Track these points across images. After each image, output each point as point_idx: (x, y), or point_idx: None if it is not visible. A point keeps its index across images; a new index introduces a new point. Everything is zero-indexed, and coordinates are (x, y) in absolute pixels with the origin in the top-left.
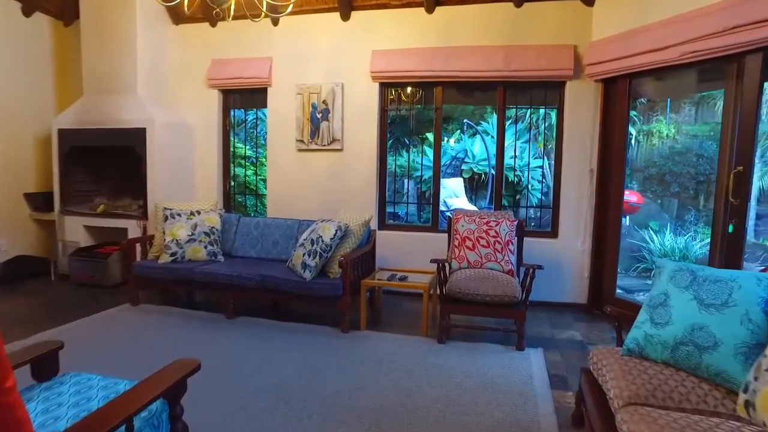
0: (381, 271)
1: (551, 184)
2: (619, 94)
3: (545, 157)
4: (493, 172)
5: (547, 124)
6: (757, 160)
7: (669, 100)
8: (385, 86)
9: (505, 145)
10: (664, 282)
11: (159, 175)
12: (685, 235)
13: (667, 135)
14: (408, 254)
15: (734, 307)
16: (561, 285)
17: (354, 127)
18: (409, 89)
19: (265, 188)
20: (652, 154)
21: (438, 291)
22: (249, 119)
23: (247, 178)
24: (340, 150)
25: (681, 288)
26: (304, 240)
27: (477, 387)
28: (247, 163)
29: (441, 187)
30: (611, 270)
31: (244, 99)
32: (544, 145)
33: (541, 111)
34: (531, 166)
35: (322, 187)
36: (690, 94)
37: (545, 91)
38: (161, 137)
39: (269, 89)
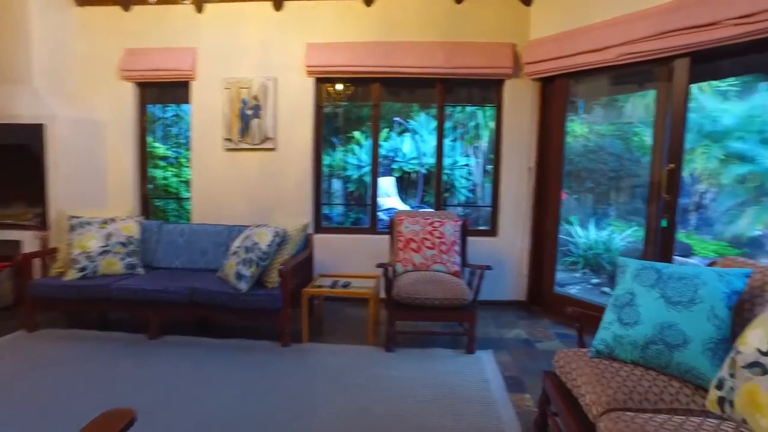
0: (321, 277)
1: (479, 182)
2: (557, 93)
3: (472, 156)
4: (424, 171)
5: (473, 123)
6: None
7: (582, 102)
8: (320, 81)
9: (434, 143)
10: (629, 281)
11: (62, 179)
12: (605, 229)
13: (580, 134)
14: (346, 258)
15: (700, 303)
16: (502, 283)
17: (288, 125)
18: (344, 85)
19: (189, 191)
20: (568, 152)
21: (383, 295)
22: (168, 116)
23: (166, 180)
24: (273, 149)
25: (647, 287)
26: (237, 248)
27: (434, 397)
28: (166, 165)
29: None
30: (550, 267)
31: (163, 93)
32: (471, 143)
33: (468, 109)
34: (459, 164)
35: (253, 190)
36: (623, 93)
37: (484, 90)
38: (64, 135)
39: (193, 83)
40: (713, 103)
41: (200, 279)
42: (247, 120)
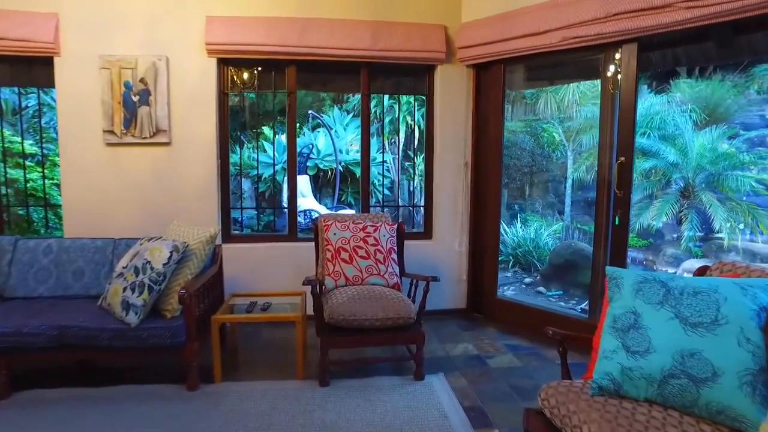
0: (234, 297)
1: (396, 179)
2: (493, 80)
3: (389, 152)
4: (341, 169)
5: (390, 118)
6: (570, 153)
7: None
8: (224, 63)
9: (349, 138)
10: (629, 297)
11: None
12: (530, 226)
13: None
14: (263, 272)
15: (726, 325)
16: (439, 291)
17: (185, 115)
18: (252, 69)
19: (61, 196)
20: None
21: (310, 311)
22: (31, 104)
23: (30, 183)
24: (168, 144)
25: (654, 304)
26: (125, 268)
27: None
28: (30, 164)
29: (285, 185)
30: (491, 271)
31: (16, 73)
32: (388, 138)
33: (386, 102)
34: (376, 161)
35: (144, 193)
36: (564, 81)
37: (413, 77)
38: None
39: (56, 60)
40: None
41: (73, 311)
42: (134, 108)
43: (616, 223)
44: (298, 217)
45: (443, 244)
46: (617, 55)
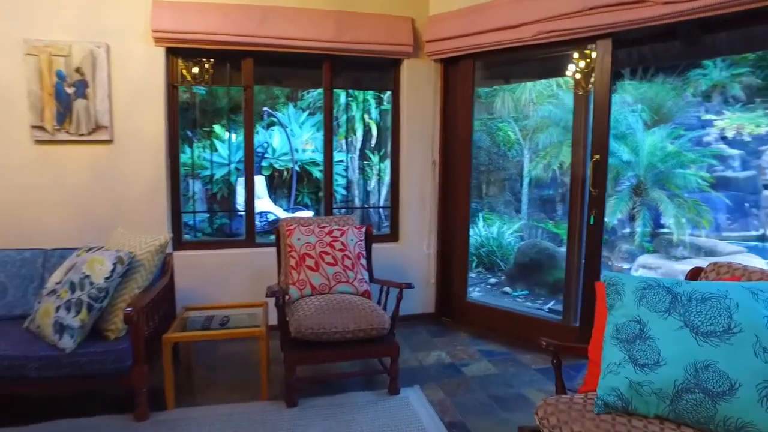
0: (188, 311)
1: (354, 179)
2: (463, 76)
3: (345, 151)
4: (297, 169)
5: (345, 117)
6: (526, 152)
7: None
8: (173, 54)
9: (305, 137)
10: (631, 305)
11: None
12: (492, 225)
13: None
14: (219, 281)
15: (740, 333)
16: (407, 295)
17: (130, 110)
18: (197, 64)
19: None
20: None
21: (272, 322)
22: None
23: None
24: (109, 141)
25: (660, 312)
26: (58, 284)
27: None
28: None
29: (239, 186)
30: (461, 273)
31: None
32: (345, 137)
33: (342, 100)
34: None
35: (82, 197)
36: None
37: (378, 72)
38: None
39: None
40: (571, 99)
41: None
42: (68, 101)
43: (591, 222)
44: (274, 224)
45: (411, 247)
46: (592, 51)
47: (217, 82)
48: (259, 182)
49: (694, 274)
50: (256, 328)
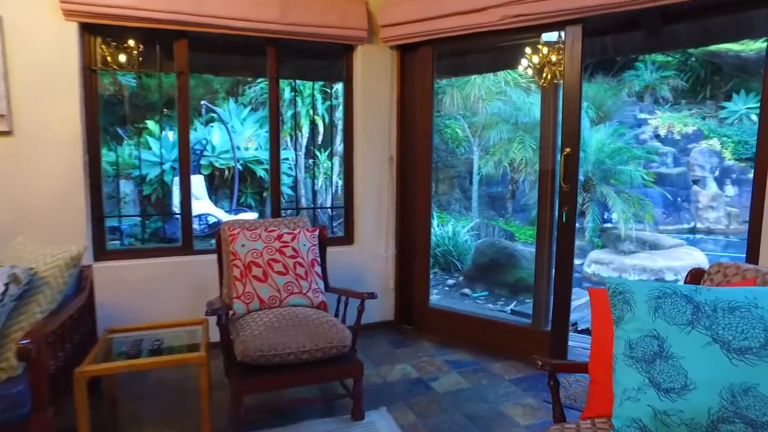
0: (112, 334)
1: (301, 178)
2: (422, 64)
3: (291, 148)
4: (239, 167)
5: (291, 112)
6: (476, 149)
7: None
8: (90, 31)
9: (247, 134)
10: (645, 317)
11: None
12: (447, 223)
13: None
14: (151, 296)
15: None
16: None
17: (36, 96)
18: (121, 45)
19: None
20: None
21: (213, 343)
22: None
23: None
24: (7, 133)
25: (681, 325)
26: None
27: None
28: None
29: (175, 187)
30: (422, 277)
31: None
32: (290, 134)
33: (287, 95)
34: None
35: None
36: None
37: (329, 59)
38: None
39: None
40: (520, 96)
41: None
42: None
43: (564, 220)
44: (193, 222)
45: (367, 249)
46: (562, 38)
47: (146, 67)
48: (198, 182)
49: (695, 276)
50: (194, 354)
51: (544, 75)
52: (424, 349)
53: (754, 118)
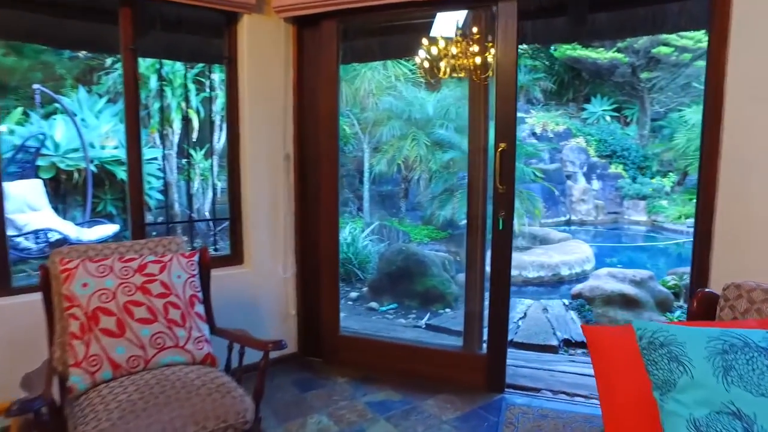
0: None
1: (172, 180)
2: (324, 41)
3: (160, 146)
4: (94, 169)
5: (158, 105)
6: (366, 146)
7: None
8: None
9: (104, 129)
10: (713, 383)
11: None
12: (343, 227)
13: None
14: None
15: None
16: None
17: None
18: None
19: None
20: None
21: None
22: None
23: None
24: None
25: None
26: None
27: None
28: None
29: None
30: (331, 298)
31: None
32: (157, 130)
33: (153, 84)
34: (145, 158)
35: None
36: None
37: (204, 34)
38: None
39: None
40: (411, 92)
41: None
42: None
43: (500, 227)
44: (27, 241)
45: (261, 270)
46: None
47: None
48: (34, 188)
49: (706, 302)
50: None
51: (443, 68)
52: (340, 389)
53: (609, 119)
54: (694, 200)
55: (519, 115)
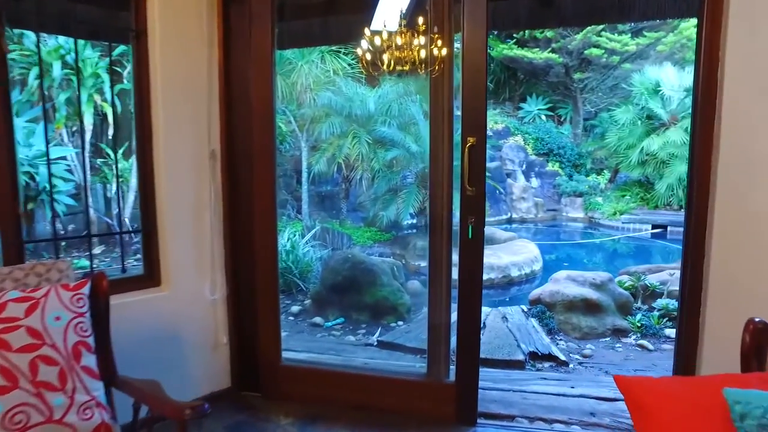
0: None
1: (84, 182)
2: (256, 15)
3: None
4: None
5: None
6: (304, 144)
7: None
8: None
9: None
10: None
11: None
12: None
13: None
14: None
15: None
16: (183, 370)
17: None
18: None
19: None
20: None
21: None
22: None
23: None
24: None
25: None
26: None
27: None
28: None
29: None
30: (270, 321)
31: None
32: (65, 124)
33: (57, 72)
34: (51, 157)
35: None
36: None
37: (104, 6)
38: None
39: None
40: (351, 87)
41: None
42: None
43: (470, 236)
44: None
45: (182, 292)
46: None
47: None
48: None
49: (756, 335)
50: None
51: (386, 61)
52: (280, 430)
53: (544, 118)
54: (627, 197)
55: (456, 113)
